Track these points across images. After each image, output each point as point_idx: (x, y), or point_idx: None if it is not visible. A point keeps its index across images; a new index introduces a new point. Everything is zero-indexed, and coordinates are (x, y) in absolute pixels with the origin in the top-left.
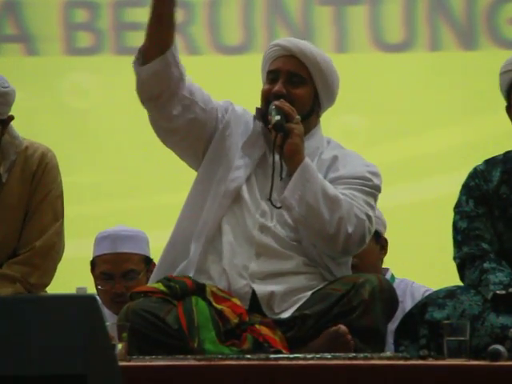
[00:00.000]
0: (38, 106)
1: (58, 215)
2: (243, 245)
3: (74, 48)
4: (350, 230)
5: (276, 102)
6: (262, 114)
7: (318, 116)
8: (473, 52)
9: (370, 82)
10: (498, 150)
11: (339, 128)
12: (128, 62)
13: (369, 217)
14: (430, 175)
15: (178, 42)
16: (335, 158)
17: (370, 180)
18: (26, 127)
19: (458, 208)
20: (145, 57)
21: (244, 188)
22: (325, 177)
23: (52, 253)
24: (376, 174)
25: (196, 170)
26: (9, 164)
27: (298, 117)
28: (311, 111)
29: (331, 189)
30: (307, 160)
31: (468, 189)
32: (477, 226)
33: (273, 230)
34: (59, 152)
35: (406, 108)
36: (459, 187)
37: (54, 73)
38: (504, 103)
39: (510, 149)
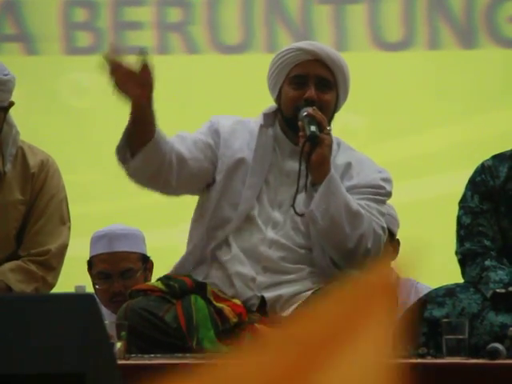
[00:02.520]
0: (38, 105)
1: (65, 219)
2: (249, 260)
3: (73, 47)
4: (369, 245)
5: (309, 110)
6: (288, 120)
7: None
8: (472, 50)
9: (370, 81)
10: (498, 149)
11: (339, 127)
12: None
13: (384, 230)
14: (429, 174)
15: (178, 41)
16: (349, 165)
17: (383, 188)
18: (25, 127)
19: (462, 203)
20: (133, 151)
21: (255, 207)
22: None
23: (63, 255)
24: (388, 181)
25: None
26: (8, 156)
27: (329, 127)
28: (333, 115)
29: (354, 203)
30: (333, 172)
31: (474, 184)
32: (480, 223)
33: (282, 242)
34: (58, 151)
35: (405, 107)
36: (459, 186)
37: (53, 72)
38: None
39: (510, 147)
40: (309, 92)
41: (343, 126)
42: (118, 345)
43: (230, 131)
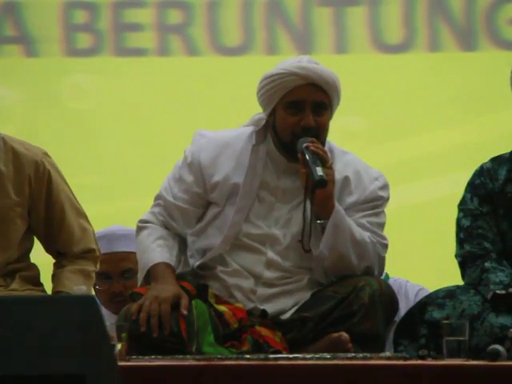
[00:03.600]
0: (38, 107)
1: (80, 210)
2: (248, 277)
3: (73, 49)
4: (376, 272)
5: (311, 147)
6: (285, 144)
7: None
8: (472, 53)
9: (370, 83)
10: (498, 151)
11: (339, 129)
12: (128, 63)
13: (387, 247)
14: (429, 176)
15: (178, 43)
16: (347, 180)
17: (382, 198)
18: (25, 128)
19: (462, 205)
20: None
21: (244, 228)
22: (339, 200)
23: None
24: (386, 187)
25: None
26: None
27: (330, 161)
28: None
29: (358, 232)
30: (337, 205)
31: (473, 187)
32: (480, 225)
33: (279, 263)
34: (58, 153)
35: (405, 109)
36: (459, 188)
37: (53, 74)
38: (509, 100)
39: (509, 149)
40: (306, 119)
41: (343, 127)
42: (119, 346)
43: (213, 160)
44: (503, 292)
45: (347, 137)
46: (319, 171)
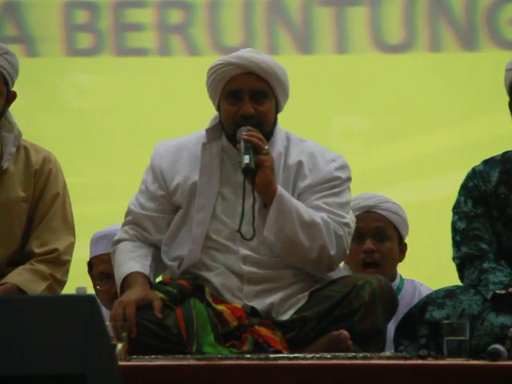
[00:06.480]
0: (39, 107)
1: (68, 219)
2: (232, 276)
3: (74, 49)
4: (332, 253)
5: (244, 134)
6: (230, 136)
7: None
8: (473, 53)
9: (371, 83)
10: (498, 151)
11: (339, 129)
12: (128, 62)
13: (347, 225)
14: (430, 176)
15: (179, 43)
16: (300, 164)
17: (339, 178)
18: (26, 128)
19: (456, 208)
20: None
21: (212, 229)
22: (293, 186)
23: (71, 253)
24: (343, 167)
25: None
26: (7, 154)
27: (266, 147)
28: (275, 121)
29: (306, 213)
30: (280, 190)
31: (466, 189)
32: (476, 227)
33: (253, 257)
34: (59, 153)
35: (406, 109)
36: (459, 188)
37: (54, 74)
38: (507, 100)
39: (510, 149)
40: (244, 108)
41: (343, 127)
42: (119, 346)
43: (173, 164)
44: (503, 292)
45: (347, 137)
46: (246, 159)
